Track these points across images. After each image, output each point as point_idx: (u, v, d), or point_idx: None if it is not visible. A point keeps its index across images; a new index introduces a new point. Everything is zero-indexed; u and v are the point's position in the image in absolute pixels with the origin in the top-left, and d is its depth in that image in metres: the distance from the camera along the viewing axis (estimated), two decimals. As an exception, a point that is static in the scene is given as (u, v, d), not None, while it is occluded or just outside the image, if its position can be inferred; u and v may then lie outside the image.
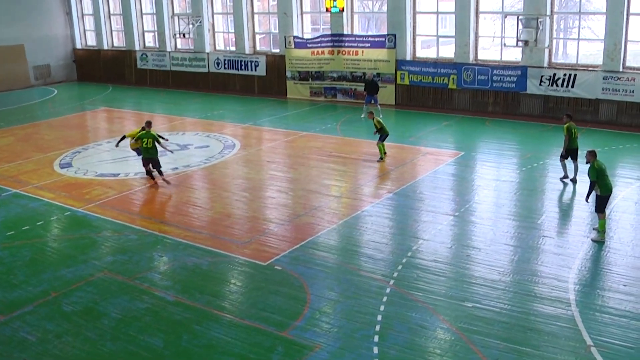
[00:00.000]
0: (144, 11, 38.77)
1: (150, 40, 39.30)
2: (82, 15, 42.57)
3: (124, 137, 19.62)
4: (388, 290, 11.27)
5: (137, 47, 39.05)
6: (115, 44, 41.31)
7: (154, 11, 37.64)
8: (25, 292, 11.76)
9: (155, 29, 38.00)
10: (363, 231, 14.22)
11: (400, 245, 13.27)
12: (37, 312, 11.02)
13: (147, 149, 17.68)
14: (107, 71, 40.98)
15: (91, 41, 42.70)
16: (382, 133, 19.55)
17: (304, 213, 15.34)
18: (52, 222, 15.66)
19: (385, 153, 19.83)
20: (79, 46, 42.90)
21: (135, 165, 20.16)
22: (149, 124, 18.44)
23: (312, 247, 13.26)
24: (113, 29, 41.19)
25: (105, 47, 41.09)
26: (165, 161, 20.38)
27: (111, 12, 40.77)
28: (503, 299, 10.90)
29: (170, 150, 19.40)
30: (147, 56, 38.34)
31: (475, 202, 15.90)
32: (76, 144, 23.53)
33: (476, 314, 10.39)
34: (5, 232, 14.92)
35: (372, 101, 26.36)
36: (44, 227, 15.32)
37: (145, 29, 39.11)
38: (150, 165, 17.94)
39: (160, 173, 17.98)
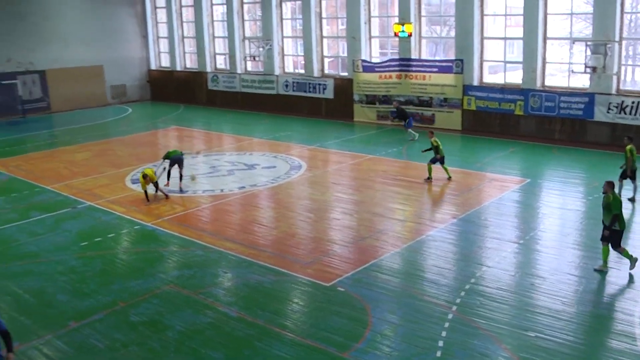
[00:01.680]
0: (216, 34, 39.71)
1: (221, 63, 40.16)
2: (158, 38, 43.99)
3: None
4: (450, 316, 11.11)
5: (208, 69, 39.95)
6: (187, 66, 42.40)
7: (226, 34, 38.49)
8: (95, 301, 12.12)
9: (227, 51, 38.85)
10: (427, 256, 14.07)
11: (464, 271, 13.06)
12: (106, 320, 11.33)
13: (173, 151, 20.28)
14: (179, 91, 42.03)
15: (165, 63, 43.98)
16: (436, 153, 19.73)
17: (368, 236, 15.29)
18: (122, 235, 16.10)
19: (450, 178, 19.81)
20: (153, 67, 44.27)
21: (203, 184, 20.56)
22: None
23: (376, 270, 13.19)
24: (186, 51, 42.32)
25: (178, 69, 42.23)
26: (232, 180, 20.74)
27: (185, 35, 41.95)
28: (566, 330, 10.59)
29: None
30: (218, 78, 39.15)
31: (540, 230, 15.55)
32: (147, 161, 24.13)
33: (539, 344, 10.13)
34: (79, 243, 15.45)
35: (405, 125, 27.01)
36: (115, 239, 15.77)
37: (217, 51, 40.01)
38: (175, 168, 19.97)
39: (181, 177, 19.92)
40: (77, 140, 29.33)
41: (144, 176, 18.43)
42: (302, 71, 35.04)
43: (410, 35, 29.25)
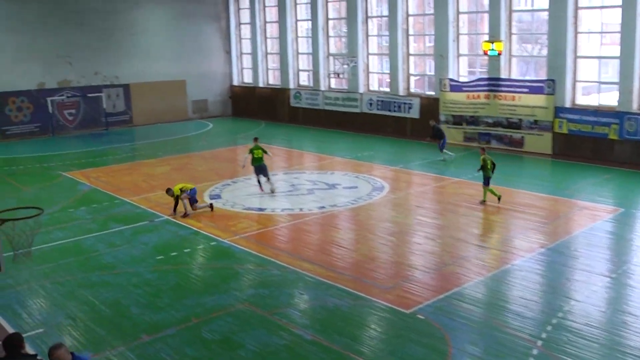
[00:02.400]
0: (300, 51, 40.22)
1: (304, 79, 40.64)
2: (241, 54, 45.04)
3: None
4: (535, 351, 10.74)
5: (291, 86, 40.48)
6: (270, 82, 43.11)
7: (310, 51, 38.96)
8: (168, 316, 12.34)
9: (310, 68, 39.27)
10: (512, 286, 13.66)
11: (551, 304, 12.58)
12: (179, 335, 11.50)
13: (257, 158, 21.58)
14: (261, 108, 42.74)
15: (247, 78, 44.89)
16: (484, 173, 19.82)
17: (450, 262, 15.03)
18: (198, 251, 16.40)
19: (499, 197, 19.73)
20: (235, 83, 45.28)
21: (282, 202, 20.74)
22: (256, 139, 22.55)
23: (458, 298, 12.91)
24: (269, 67, 43.07)
25: (261, 85, 42.99)
26: (312, 199, 20.84)
27: (268, 51, 42.72)
28: (665, 374, 10.07)
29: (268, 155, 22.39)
30: (300, 94, 39.60)
31: (634, 264, 14.82)
32: (226, 177, 24.59)
33: (637, 387, 9.67)
34: (155, 256, 15.83)
35: (439, 146, 27.12)
36: (191, 254, 16.07)
37: (301, 67, 40.51)
38: (261, 176, 21.60)
39: (268, 179, 21.59)
40: (157, 154, 30.22)
41: (171, 191, 19.38)
42: (387, 89, 35.03)
43: (500, 53, 28.79)
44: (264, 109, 42.60)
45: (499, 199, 19.77)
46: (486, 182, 19.93)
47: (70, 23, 37.82)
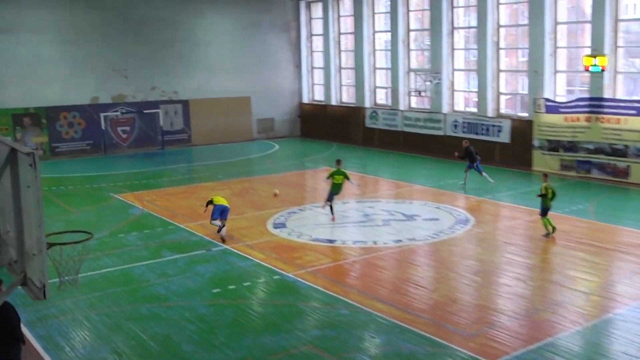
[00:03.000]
0: (377, 65, 40.35)
1: (382, 97, 40.69)
2: (312, 68, 45.44)
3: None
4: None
5: (367, 104, 40.61)
6: (344, 100, 43.35)
7: (389, 66, 39.03)
8: (224, 356, 12.39)
9: (389, 85, 39.32)
10: (614, 339, 13.14)
11: None
12: (234, 380, 11.52)
13: (337, 185, 21.80)
14: (332, 128, 42.97)
15: (319, 96, 45.26)
16: (542, 202, 20.01)
17: (543, 308, 14.65)
18: (259, 285, 16.47)
19: (554, 228, 19.72)
20: (305, 100, 45.72)
21: (354, 233, 20.69)
22: (338, 162, 22.68)
23: (550, 349, 12.52)
24: (343, 83, 43.31)
25: (333, 103, 43.29)
26: (387, 231, 20.72)
27: (342, 65, 42.97)
28: None
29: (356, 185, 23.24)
30: (377, 114, 39.66)
31: None
32: (292, 204, 24.72)
33: None
34: (211, 289, 15.98)
35: (474, 169, 27.61)
36: (250, 288, 16.15)
37: (378, 84, 40.61)
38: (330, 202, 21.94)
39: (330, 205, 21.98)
40: (216, 177, 30.68)
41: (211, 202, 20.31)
42: (475, 110, 34.76)
43: (603, 69, 28.14)
44: (336, 130, 42.80)
45: (553, 230, 19.83)
46: (544, 212, 20.06)
47: (128, 34, 39.08)
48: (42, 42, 36.79)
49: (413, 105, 38.36)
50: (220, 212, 20.00)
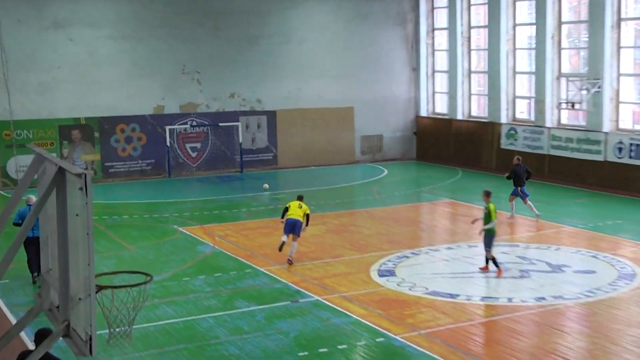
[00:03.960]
0: (518, 69, 39.96)
1: (522, 111, 40.29)
2: (433, 72, 45.31)
3: None
4: None
5: (503, 119, 40.28)
6: (473, 113, 43.05)
7: (533, 70, 38.61)
8: None
9: (532, 94, 38.89)
10: None
11: None
12: None
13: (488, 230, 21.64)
14: (458, 149, 42.83)
15: (441, 107, 45.18)
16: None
17: None
18: (358, 349, 16.46)
19: None
20: (423, 113, 45.69)
21: (481, 286, 20.50)
22: (487, 194, 22.46)
23: None
24: (473, 92, 43.00)
25: (459, 117, 43.06)
26: (526, 286, 20.45)
27: (473, 69, 42.68)
28: None
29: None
30: (516, 132, 39.30)
31: None
32: (404, 246, 24.67)
33: None
34: (297, 352, 16.07)
35: (520, 195, 28.02)
36: (347, 353, 16.14)
37: (518, 94, 40.21)
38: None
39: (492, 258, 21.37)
40: (308, 208, 30.82)
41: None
42: (647, 128, 34.12)
43: None
44: (462, 152, 42.63)
45: None
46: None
47: (203, 28, 39.91)
48: (98, 37, 37.97)
49: (564, 121, 37.85)
50: (292, 227, 20.32)
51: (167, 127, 39.27)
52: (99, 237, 25.92)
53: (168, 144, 39.33)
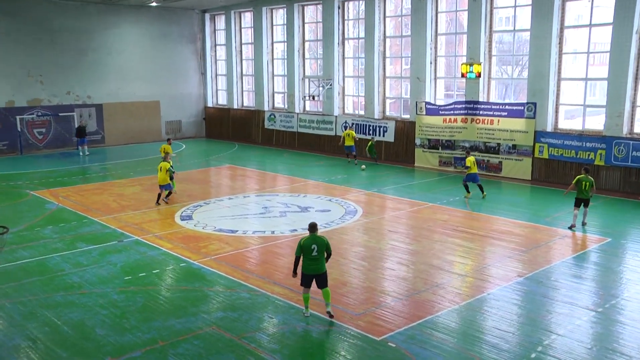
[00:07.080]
0: (275, 73, 40.28)
1: (279, 101, 40.66)
2: (216, 75, 45.03)
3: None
4: (511, 383, 10.53)
5: (266, 108, 40.51)
6: (244, 104, 43.08)
7: (285, 73, 39.01)
8: (135, 338, 12.08)
9: (285, 90, 39.30)
10: (488, 316, 13.28)
11: (529, 337, 12.17)
12: (144, 358, 11.25)
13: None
14: (234, 130, 42.73)
15: (222, 100, 44.93)
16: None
17: (424, 289, 14.84)
18: (167, 272, 16.12)
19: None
20: (210, 104, 45.28)
21: (253, 224, 20.56)
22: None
23: (430, 326, 12.67)
24: (244, 89, 43.07)
25: (235, 107, 43.00)
26: (284, 222, 20.67)
27: (244, 73, 42.73)
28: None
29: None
30: (275, 117, 39.60)
31: (624, 298, 14.26)
32: (198, 198, 24.37)
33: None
34: (123, 277, 15.56)
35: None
36: (159, 275, 15.81)
37: (276, 90, 40.54)
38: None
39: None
40: (128, 174, 29.95)
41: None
42: (363, 112, 35.12)
43: (478, 76, 28.80)
44: (238, 131, 42.57)
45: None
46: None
47: (44, 42, 37.72)
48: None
49: (307, 108, 38.47)
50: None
51: (18, 117, 36.89)
52: (-35, 200, 24.19)
53: (19, 129, 36.97)
